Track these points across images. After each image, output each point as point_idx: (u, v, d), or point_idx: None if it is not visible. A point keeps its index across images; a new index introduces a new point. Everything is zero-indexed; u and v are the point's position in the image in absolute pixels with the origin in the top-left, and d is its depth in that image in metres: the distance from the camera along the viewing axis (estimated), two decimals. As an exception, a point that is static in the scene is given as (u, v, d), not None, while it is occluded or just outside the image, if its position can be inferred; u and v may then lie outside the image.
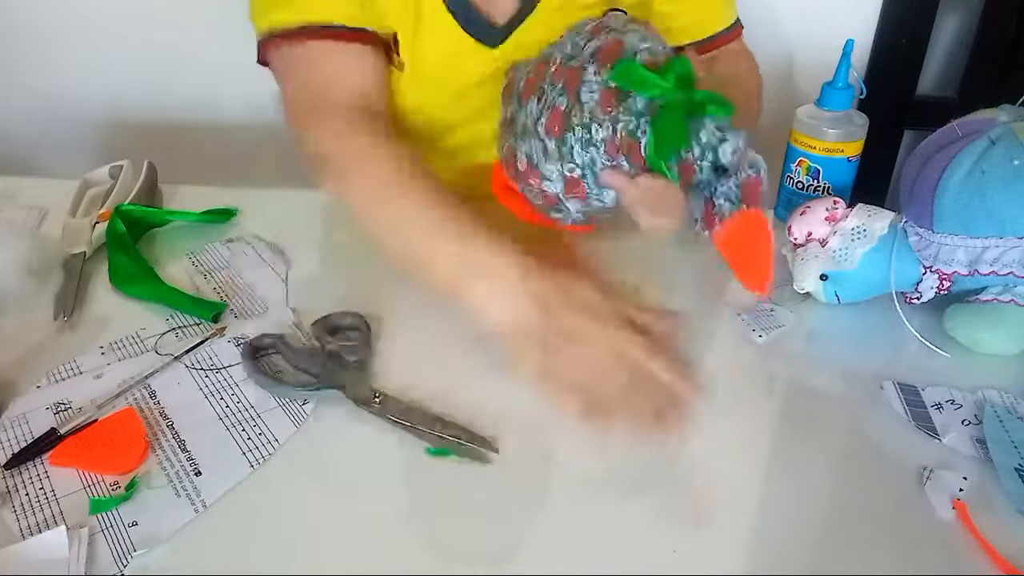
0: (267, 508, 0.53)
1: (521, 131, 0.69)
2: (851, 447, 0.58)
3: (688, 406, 0.56)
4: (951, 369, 0.65)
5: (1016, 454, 0.56)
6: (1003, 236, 0.64)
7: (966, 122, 0.67)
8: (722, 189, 0.59)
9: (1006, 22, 1.20)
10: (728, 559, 0.50)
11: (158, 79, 1.32)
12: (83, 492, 0.54)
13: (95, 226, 0.79)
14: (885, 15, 1.19)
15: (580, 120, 0.64)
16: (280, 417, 0.60)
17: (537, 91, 0.68)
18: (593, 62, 0.64)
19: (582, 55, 0.65)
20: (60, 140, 1.40)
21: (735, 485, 0.55)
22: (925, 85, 1.28)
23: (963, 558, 0.50)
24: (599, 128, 0.64)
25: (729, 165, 0.59)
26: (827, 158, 0.79)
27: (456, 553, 0.50)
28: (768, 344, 0.67)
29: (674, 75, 0.61)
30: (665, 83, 0.61)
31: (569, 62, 0.66)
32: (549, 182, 0.68)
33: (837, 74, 0.78)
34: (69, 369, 0.64)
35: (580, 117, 0.64)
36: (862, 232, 0.68)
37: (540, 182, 0.68)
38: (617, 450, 0.58)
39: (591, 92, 0.64)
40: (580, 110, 0.64)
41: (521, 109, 0.70)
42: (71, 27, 1.29)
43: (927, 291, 0.68)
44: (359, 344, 0.65)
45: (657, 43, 0.65)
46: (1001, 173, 0.63)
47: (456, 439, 0.57)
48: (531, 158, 0.68)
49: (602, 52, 0.64)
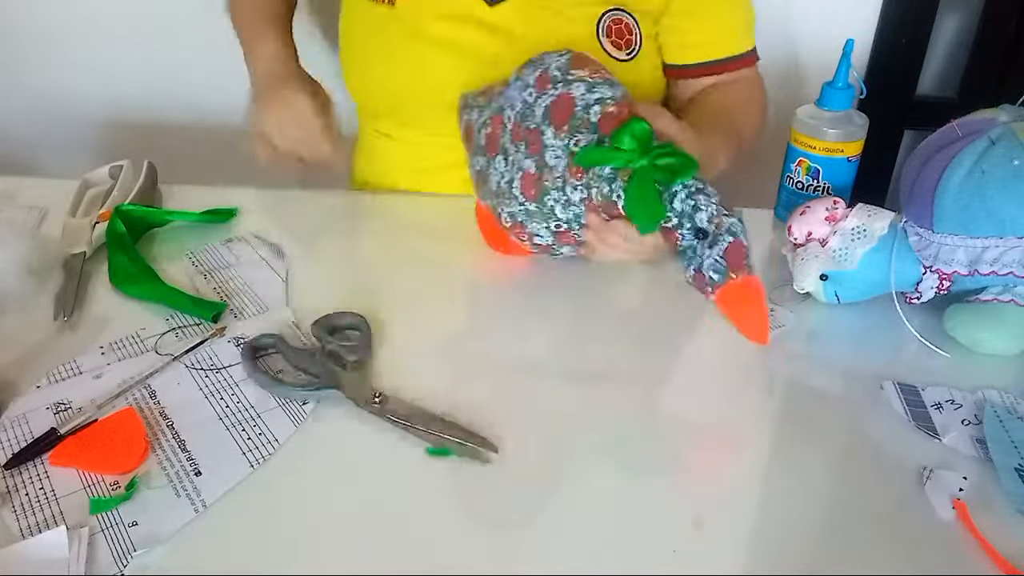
0: (267, 508, 0.53)
1: (497, 191, 0.70)
2: (851, 447, 0.58)
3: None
4: (951, 369, 0.65)
5: (1016, 454, 0.56)
6: (1003, 236, 0.64)
7: (966, 122, 0.67)
8: (708, 261, 0.60)
9: (1006, 22, 1.20)
10: (728, 559, 0.50)
11: (158, 79, 1.32)
12: (83, 492, 0.53)
13: (95, 226, 0.79)
14: (885, 15, 1.19)
15: (554, 183, 0.65)
16: (280, 417, 0.60)
17: (500, 150, 0.69)
18: (549, 124, 0.64)
19: (535, 115, 0.65)
20: (60, 140, 1.40)
21: (735, 485, 0.55)
22: (925, 85, 1.28)
23: (963, 558, 0.50)
24: (574, 190, 0.65)
25: (708, 230, 0.59)
26: (827, 158, 0.79)
27: (456, 553, 0.50)
28: (768, 344, 0.67)
29: (635, 141, 0.61)
30: (627, 153, 0.61)
31: (524, 122, 0.66)
32: (539, 236, 0.70)
33: (837, 74, 0.78)
34: (69, 369, 0.64)
35: (553, 180, 0.65)
36: (862, 232, 0.68)
37: (530, 236, 0.70)
38: (617, 450, 0.58)
39: (557, 157, 0.65)
40: (551, 173, 0.65)
41: (490, 166, 0.70)
42: (71, 27, 1.29)
43: (927, 291, 0.68)
44: (359, 344, 0.65)
45: (604, 88, 0.64)
46: (1001, 173, 0.63)
47: (456, 439, 0.57)
48: (515, 217, 0.70)
49: (555, 111, 0.64)
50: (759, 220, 0.88)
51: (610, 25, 0.85)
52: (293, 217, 0.87)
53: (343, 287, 0.74)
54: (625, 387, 0.64)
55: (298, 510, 0.53)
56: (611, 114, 0.63)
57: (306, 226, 0.85)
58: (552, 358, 0.66)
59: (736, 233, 0.59)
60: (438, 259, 0.79)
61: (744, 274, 0.60)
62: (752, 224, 0.87)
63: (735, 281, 0.59)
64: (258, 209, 0.88)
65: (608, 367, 0.66)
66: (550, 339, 0.69)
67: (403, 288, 0.74)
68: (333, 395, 0.61)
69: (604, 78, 0.65)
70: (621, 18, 0.86)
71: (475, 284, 0.76)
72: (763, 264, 0.80)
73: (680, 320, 0.71)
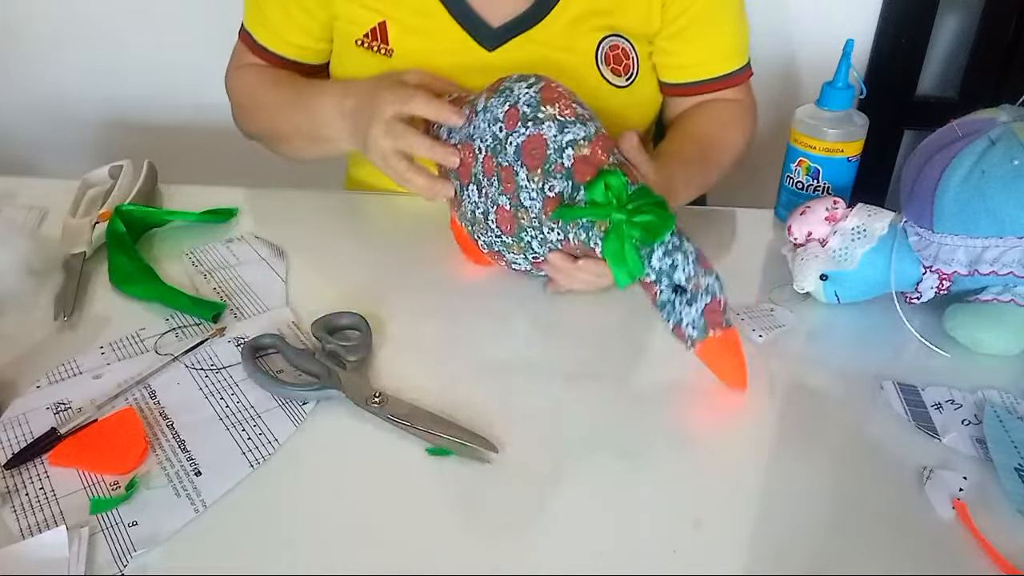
0: (267, 508, 0.53)
1: (472, 219, 0.70)
2: (851, 447, 0.58)
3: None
4: (951, 369, 0.65)
5: (1016, 454, 0.56)
6: (1003, 236, 0.64)
7: (966, 122, 0.67)
8: (687, 319, 0.60)
9: (1006, 22, 1.20)
10: (728, 559, 0.50)
11: (158, 79, 1.33)
12: (83, 492, 0.53)
13: (95, 226, 0.79)
14: (885, 15, 1.19)
15: (530, 223, 0.66)
16: (280, 417, 0.59)
17: (473, 179, 0.69)
18: (522, 165, 0.64)
19: (506, 153, 0.65)
20: (60, 140, 1.40)
21: (735, 485, 0.55)
22: (925, 85, 1.28)
23: (963, 558, 0.50)
24: (551, 231, 0.65)
25: (686, 286, 0.59)
26: (827, 158, 0.79)
27: (456, 553, 0.50)
28: (768, 344, 0.67)
29: (609, 193, 0.60)
30: (603, 208, 0.61)
31: (495, 156, 0.66)
32: (516, 264, 0.71)
33: (837, 74, 0.79)
34: (69, 369, 0.64)
35: (529, 220, 0.65)
36: (862, 232, 0.68)
37: (508, 263, 0.71)
38: (617, 450, 0.58)
39: (531, 199, 0.64)
40: (527, 212, 0.65)
41: (463, 191, 0.70)
42: (71, 28, 1.29)
43: (927, 291, 0.68)
44: (359, 344, 0.65)
45: (576, 128, 0.63)
46: (1001, 173, 0.63)
47: (456, 439, 0.57)
48: (491, 246, 0.70)
49: (526, 152, 0.64)
50: (759, 220, 0.88)
51: (608, 52, 0.85)
52: (293, 217, 0.87)
53: (343, 287, 0.74)
54: (626, 387, 0.64)
55: (298, 510, 0.53)
56: (584, 157, 0.62)
57: (306, 226, 0.85)
58: (552, 358, 0.66)
59: (714, 292, 0.60)
60: (438, 259, 0.79)
61: (722, 330, 0.60)
62: (752, 224, 0.88)
63: (714, 337, 0.60)
64: (258, 209, 0.88)
65: (609, 367, 0.66)
66: (550, 339, 0.69)
67: (403, 288, 0.74)
68: (333, 395, 0.61)
69: (575, 115, 0.64)
70: (618, 43, 0.86)
71: (475, 284, 0.76)
72: (763, 264, 0.80)
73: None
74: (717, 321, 0.60)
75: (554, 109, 0.64)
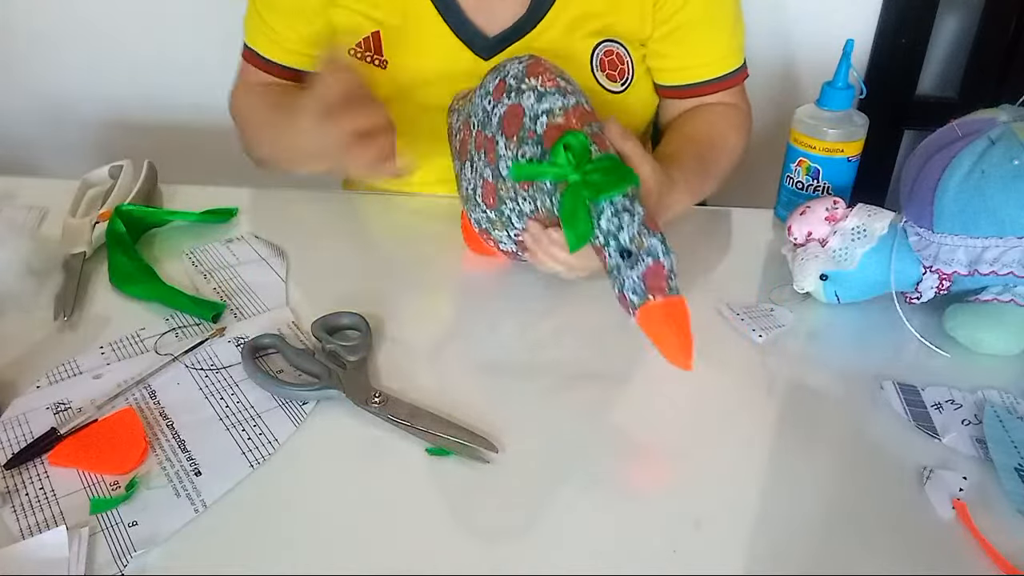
0: (267, 508, 0.53)
1: (465, 196, 0.71)
2: (851, 447, 0.58)
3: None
4: (951, 369, 0.65)
5: (1016, 454, 0.56)
6: (1003, 236, 0.64)
7: (966, 122, 0.67)
8: (628, 283, 0.58)
9: (1006, 22, 1.20)
10: (728, 559, 0.50)
11: (158, 79, 1.33)
12: (83, 492, 0.53)
13: (95, 226, 0.79)
14: (885, 15, 1.19)
15: (508, 193, 0.65)
16: (280, 417, 0.60)
17: (468, 156, 0.69)
18: (501, 134, 0.64)
19: (491, 124, 0.65)
20: (60, 140, 1.40)
21: (735, 485, 0.55)
22: (925, 85, 1.28)
23: (963, 558, 0.50)
24: (524, 201, 0.65)
25: (633, 250, 0.57)
26: (827, 158, 0.79)
27: (456, 553, 0.50)
28: (768, 344, 0.67)
29: (569, 155, 0.59)
30: (559, 168, 0.59)
31: (484, 130, 0.66)
32: (502, 243, 0.71)
33: (837, 74, 0.78)
34: (69, 369, 0.64)
35: (507, 191, 0.65)
36: (862, 232, 0.68)
37: (496, 243, 0.71)
38: (617, 449, 0.58)
39: (507, 168, 0.64)
40: (505, 183, 0.65)
41: (461, 171, 0.71)
42: (71, 28, 1.29)
43: (927, 291, 0.68)
44: (359, 344, 0.65)
45: (554, 98, 0.62)
46: (1001, 173, 0.63)
47: (456, 439, 0.57)
48: (480, 224, 0.70)
49: (506, 121, 0.64)
50: (759, 220, 0.88)
51: (603, 58, 0.85)
52: (293, 217, 0.87)
53: (343, 287, 0.74)
54: (626, 387, 0.64)
55: (298, 510, 0.53)
56: (557, 125, 0.61)
57: (306, 226, 0.85)
58: (552, 358, 0.66)
59: (656, 255, 0.57)
60: (438, 259, 0.79)
61: (663, 296, 0.57)
62: (752, 224, 0.88)
63: (654, 303, 0.57)
64: (258, 209, 0.88)
65: (609, 367, 0.66)
66: (550, 339, 0.69)
67: (403, 288, 0.74)
68: (333, 395, 0.61)
69: (557, 87, 0.63)
70: (612, 48, 0.85)
71: (475, 284, 0.76)
72: (763, 264, 0.80)
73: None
74: (659, 286, 0.57)
75: (536, 81, 0.63)
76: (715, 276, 0.78)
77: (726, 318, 0.70)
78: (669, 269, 0.57)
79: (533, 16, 0.83)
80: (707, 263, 0.80)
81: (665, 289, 0.57)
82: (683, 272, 0.65)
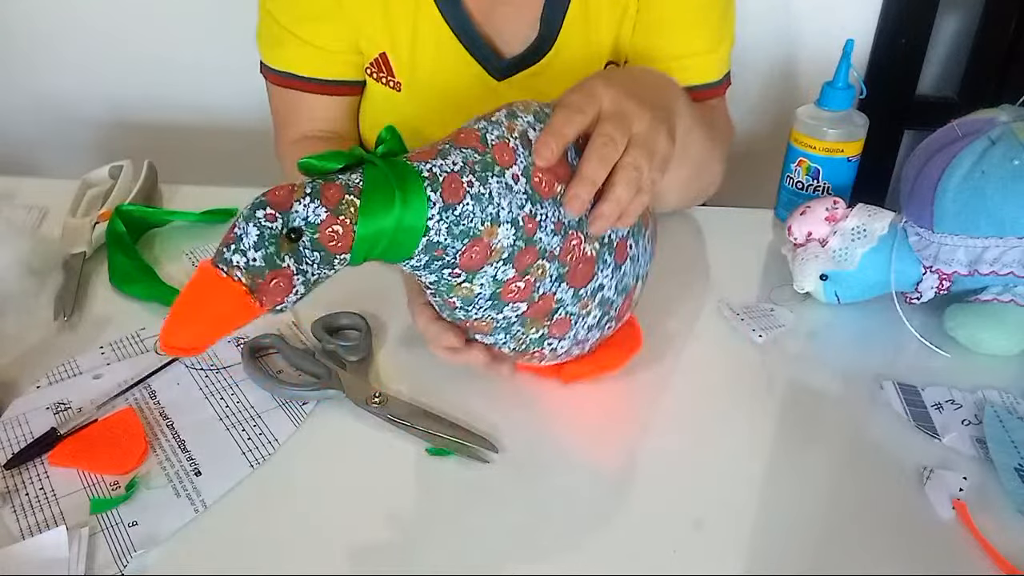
0: (267, 508, 0.53)
1: None
2: (851, 447, 0.58)
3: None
4: (951, 369, 0.65)
5: (1016, 454, 0.56)
6: (1003, 236, 0.64)
7: (966, 122, 0.67)
8: None
9: (1006, 22, 1.20)
10: (728, 559, 0.50)
11: (158, 80, 1.33)
12: (83, 492, 0.53)
13: (95, 226, 0.79)
14: (885, 15, 1.20)
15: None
16: (280, 417, 0.60)
17: None
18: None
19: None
20: (60, 140, 1.40)
21: (735, 485, 0.55)
22: (925, 85, 1.28)
23: (963, 558, 0.50)
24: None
25: None
26: (827, 158, 0.79)
27: (456, 553, 0.50)
28: (768, 344, 0.67)
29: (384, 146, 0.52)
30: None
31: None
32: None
33: (837, 74, 0.78)
34: (69, 369, 0.64)
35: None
36: (862, 232, 0.68)
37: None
38: (617, 449, 0.58)
39: None
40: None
41: None
42: (71, 28, 1.29)
43: (927, 291, 0.68)
44: (359, 344, 0.65)
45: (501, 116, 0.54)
46: (1001, 173, 0.63)
47: (456, 439, 0.57)
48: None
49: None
50: (759, 220, 0.88)
51: None
52: (293, 217, 0.87)
53: (343, 287, 0.74)
54: (625, 387, 0.64)
55: (298, 510, 0.53)
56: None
57: (306, 226, 0.85)
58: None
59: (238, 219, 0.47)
60: (438, 259, 0.79)
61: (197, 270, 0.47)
62: (752, 224, 0.88)
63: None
64: (258, 209, 0.88)
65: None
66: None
67: (403, 288, 0.74)
68: (333, 395, 0.61)
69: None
70: (618, 64, 0.85)
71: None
72: (763, 264, 0.80)
73: (680, 320, 0.71)
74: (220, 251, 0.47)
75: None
76: (715, 276, 0.78)
77: (726, 318, 0.70)
78: (236, 235, 0.47)
79: (544, 41, 0.81)
80: (707, 263, 0.80)
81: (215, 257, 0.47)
82: (683, 272, 0.65)
